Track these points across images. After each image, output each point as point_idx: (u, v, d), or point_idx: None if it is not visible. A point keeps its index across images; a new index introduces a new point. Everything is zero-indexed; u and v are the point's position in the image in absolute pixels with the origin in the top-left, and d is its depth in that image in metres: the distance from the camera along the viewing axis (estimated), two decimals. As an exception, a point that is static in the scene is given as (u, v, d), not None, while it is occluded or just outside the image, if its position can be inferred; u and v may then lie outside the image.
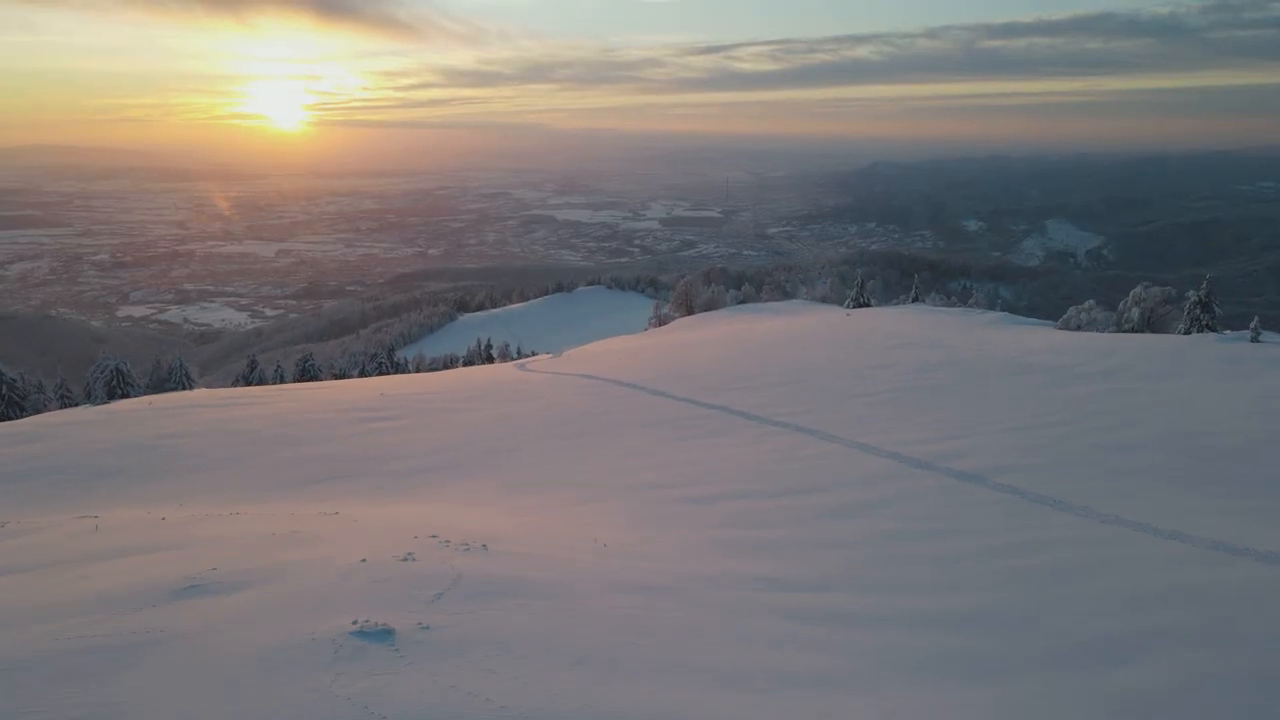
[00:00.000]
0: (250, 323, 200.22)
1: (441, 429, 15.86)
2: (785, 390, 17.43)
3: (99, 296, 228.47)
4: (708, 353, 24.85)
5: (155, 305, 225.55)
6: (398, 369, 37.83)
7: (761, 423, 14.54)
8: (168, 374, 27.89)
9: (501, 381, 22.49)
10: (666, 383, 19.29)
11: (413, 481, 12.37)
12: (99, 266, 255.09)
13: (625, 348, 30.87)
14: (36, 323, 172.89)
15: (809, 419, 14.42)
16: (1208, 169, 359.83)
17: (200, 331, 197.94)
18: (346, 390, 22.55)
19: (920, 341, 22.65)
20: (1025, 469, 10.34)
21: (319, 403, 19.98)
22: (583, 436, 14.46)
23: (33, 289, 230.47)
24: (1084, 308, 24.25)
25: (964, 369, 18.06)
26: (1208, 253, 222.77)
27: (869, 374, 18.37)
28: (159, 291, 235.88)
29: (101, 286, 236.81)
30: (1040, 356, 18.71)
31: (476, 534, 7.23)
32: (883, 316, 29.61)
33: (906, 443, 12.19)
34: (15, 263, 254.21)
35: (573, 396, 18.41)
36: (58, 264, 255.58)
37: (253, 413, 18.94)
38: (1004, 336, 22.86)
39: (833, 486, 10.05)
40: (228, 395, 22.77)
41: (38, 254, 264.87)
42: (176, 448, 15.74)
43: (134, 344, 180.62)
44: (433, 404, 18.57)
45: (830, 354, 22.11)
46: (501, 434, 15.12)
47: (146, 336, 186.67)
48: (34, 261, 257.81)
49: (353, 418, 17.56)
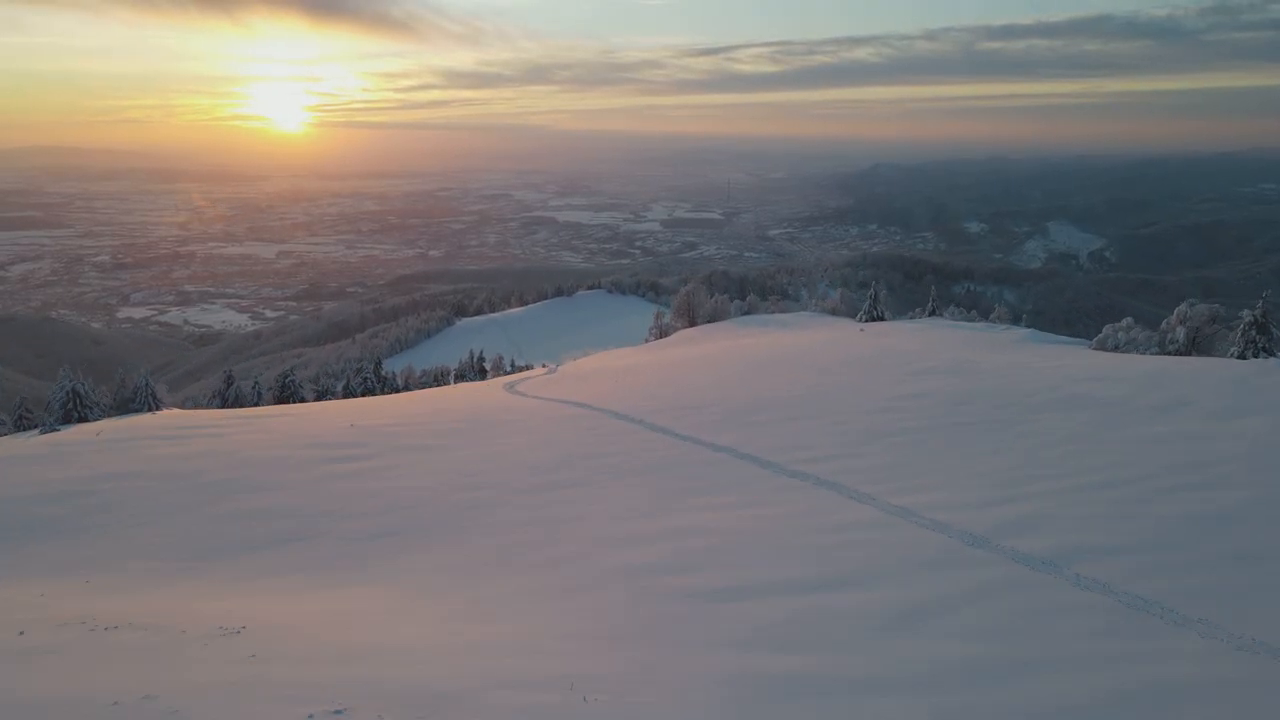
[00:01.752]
0: (250, 324, 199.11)
1: (411, 473, 13.92)
2: (801, 426, 15.47)
3: (99, 298, 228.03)
4: (712, 375, 22.89)
5: (155, 307, 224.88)
6: (384, 384, 35.89)
7: (776, 471, 12.58)
8: (133, 394, 25.98)
9: (487, 408, 20.55)
10: (667, 414, 17.34)
11: (365, 552, 10.44)
12: (100, 268, 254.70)
13: (624, 364, 28.92)
14: (35, 325, 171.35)
15: (831, 467, 12.47)
16: (1209, 171, 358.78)
17: (200, 333, 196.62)
18: (316, 418, 20.61)
19: (945, 365, 20.67)
20: (1109, 553, 8.38)
21: (282, 435, 18.05)
22: (569, 488, 12.51)
23: (33, 290, 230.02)
24: (1121, 326, 22.24)
25: (1000, 401, 16.09)
26: (1210, 255, 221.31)
27: (894, 406, 16.40)
28: (159, 293, 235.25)
29: (102, 288, 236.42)
30: (1084, 386, 16.74)
31: (414, 689, 5.29)
32: (899, 333, 27.62)
33: (953, 506, 10.23)
34: (16, 264, 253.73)
35: (561, 432, 16.47)
36: (59, 265, 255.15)
37: (206, 447, 17.01)
38: (1037, 359, 20.88)
39: (876, 578, 8.10)
40: (187, 422, 20.84)
41: (39, 255, 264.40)
42: (111, 495, 13.82)
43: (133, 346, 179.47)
44: (407, 439, 16.63)
45: (847, 379, 20.13)
46: (477, 482, 13.19)
47: (146, 338, 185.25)
48: (35, 263, 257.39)
49: (315, 456, 15.63)
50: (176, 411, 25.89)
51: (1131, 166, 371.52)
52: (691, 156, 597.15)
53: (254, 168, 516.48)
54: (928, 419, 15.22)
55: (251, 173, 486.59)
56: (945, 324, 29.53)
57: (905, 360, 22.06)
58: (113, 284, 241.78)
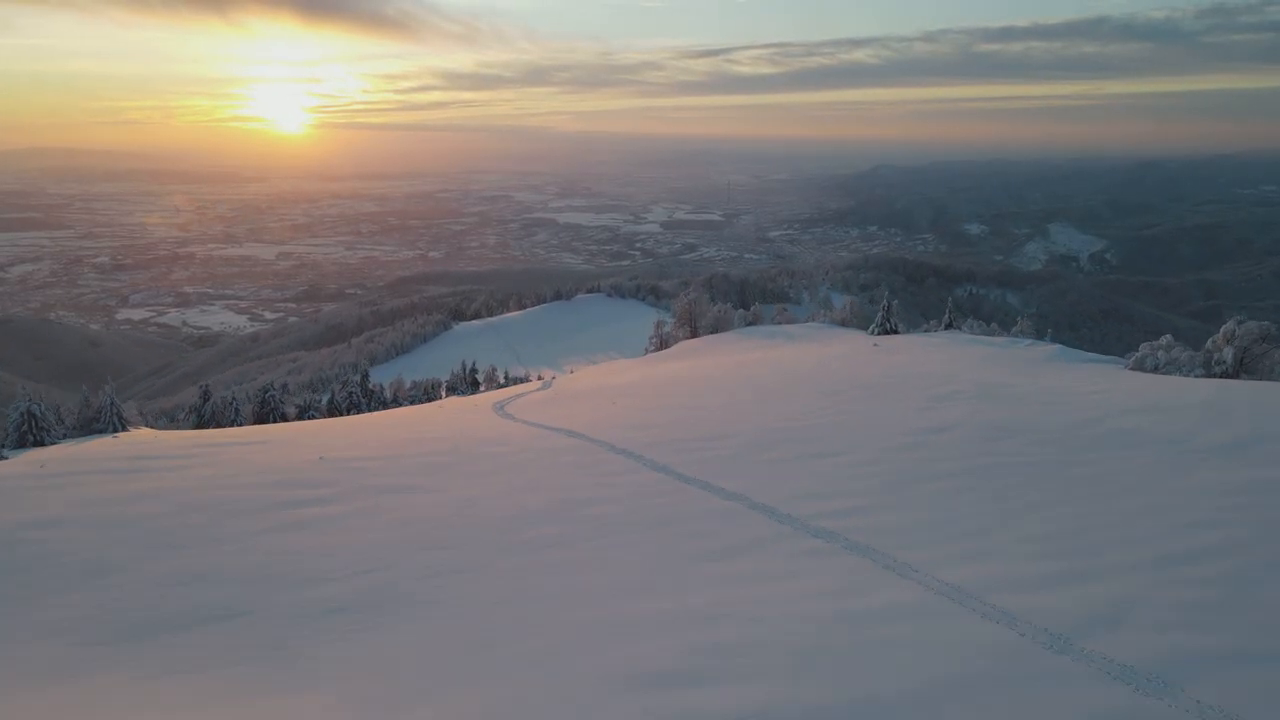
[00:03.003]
0: (250, 326, 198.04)
1: (376, 526, 12.19)
2: (819, 467, 13.74)
3: (98, 299, 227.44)
4: (716, 397, 21.16)
5: (154, 308, 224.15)
6: (371, 398, 34.14)
7: (797, 528, 10.85)
8: (96, 414, 24.25)
9: (472, 436, 18.81)
10: (669, 448, 15.61)
11: (310, 636, 8.70)
12: (99, 269, 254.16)
13: (623, 381, 27.19)
14: (33, 326, 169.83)
15: (860, 524, 10.73)
16: (1209, 172, 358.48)
17: (199, 335, 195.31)
18: (287, 446, 18.87)
19: (972, 388, 18.94)
20: (1231, 659, 6.64)
21: (246, 469, 16.31)
22: (556, 548, 10.78)
23: (32, 291, 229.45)
24: (1160, 345, 20.44)
25: (1041, 436, 14.35)
26: (1211, 257, 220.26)
27: (922, 441, 14.66)
28: (158, 294, 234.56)
29: (101, 289, 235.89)
30: (1135, 419, 15.00)
31: None
32: (916, 349, 25.87)
33: (1015, 583, 8.50)
34: (15, 265, 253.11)
35: (550, 471, 14.73)
36: (58, 266, 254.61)
37: (157, 485, 15.27)
38: (1073, 382, 19.14)
39: (937, 702, 6.35)
40: (146, 450, 19.11)
41: (38, 256, 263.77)
42: (33, 550, 12.09)
43: (131, 348, 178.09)
44: (377, 478, 14.89)
45: (865, 405, 18.40)
46: (450, 538, 11.46)
47: (144, 340, 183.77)
48: (34, 264, 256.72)
49: (275, 499, 13.90)
50: (143, 433, 24.16)
51: (1131, 168, 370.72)
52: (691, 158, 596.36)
53: (254, 169, 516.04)
54: (962, 458, 13.49)
55: (251, 174, 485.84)
56: (964, 338, 27.75)
57: (927, 382, 20.33)
58: (112, 285, 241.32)
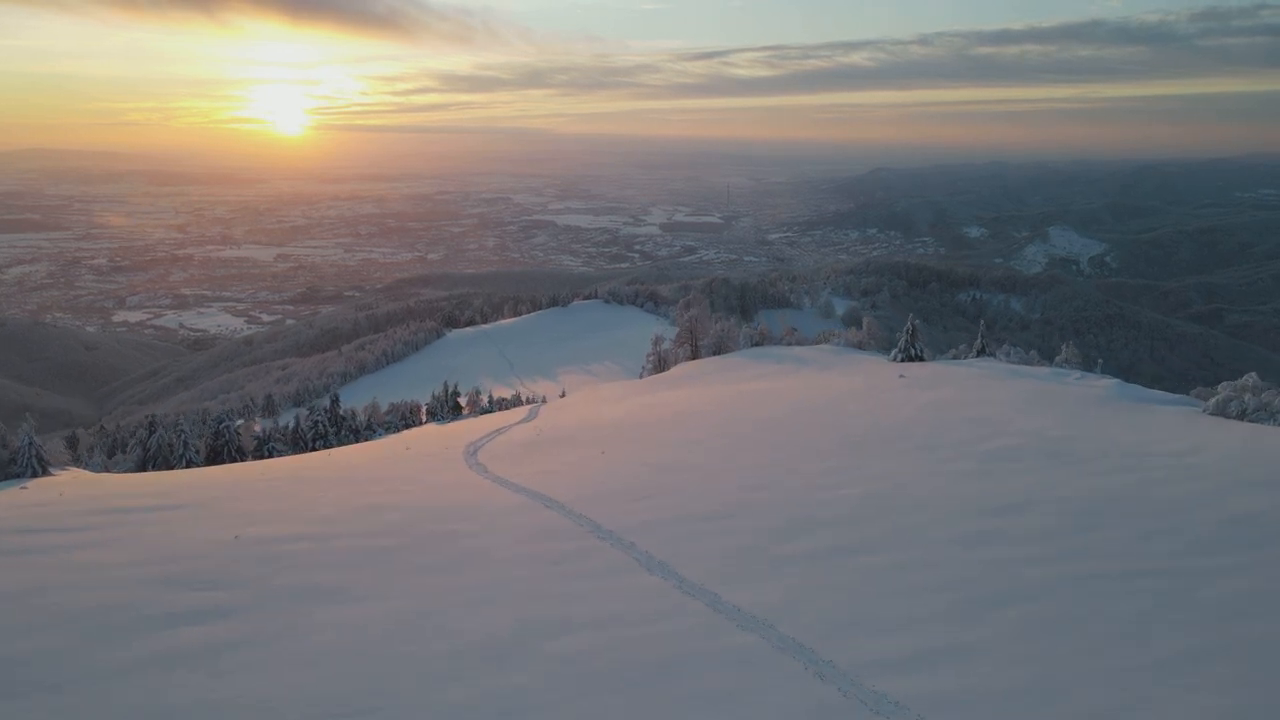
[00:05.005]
0: (246, 328, 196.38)
1: (268, 671, 8.98)
2: (865, 572, 10.54)
3: (95, 301, 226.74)
4: (722, 442, 17.96)
5: (151, 310, 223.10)
6: (340, 425, 30.94)
7: (847, 692, 7.67)
8: (13, 456, 21.07)
9: (431, 501, 15.61)
10: (667, 531, 12.44)
11: None
12: (96, 271, 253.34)
13: (616, 414, 24.04)
14: (27, 329, 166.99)
15: (942, 687, 7.55)
16: (1207, 176, 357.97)
17: (195, 338, 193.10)
18: (203, 514, 15.66)
19: (1030, 442, 15.76)
20: None
21: (137, 553, 13.12)
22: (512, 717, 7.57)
23: (29, 293, 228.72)
24: (1246, 386, 17.13)
25: (1145, 526, 11.18)
26: (1211, 260, 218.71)
27: (991, 530, 11.46)
28: (155, 296, 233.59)
29: (98, 291, 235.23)
30: (1265, 498, 11.81)
31: None
32: (948, 381, 22.67)
33: None
34: (13, 266, 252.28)
35: (515, 569, 11.51)
36: (55, 268, 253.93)
37: (18, 581, 12.08)
38: (1152, 436, 15.98)
39: None
40: (32, 518, 15.90)
41: (35, 258, 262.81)
42: None
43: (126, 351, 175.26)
44: (298, 572, 11.72)
45: (901, 464, 15.21)
46: (366, 694, 8.25)
47: (139, 343, 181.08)
48: (31, 265, 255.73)
49: (157, 608, 10.71)
50: (66, 478, 21.00)
51: (1130, 171, 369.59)
52: (690, 160, 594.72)
53: (252, 170, 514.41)
54: (1045, 561, 10.29)
55: (250, 175, 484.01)
56: (1003, 368, 24.51)
57: (971, 431, 17.15)
58: (109, 287, 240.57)
